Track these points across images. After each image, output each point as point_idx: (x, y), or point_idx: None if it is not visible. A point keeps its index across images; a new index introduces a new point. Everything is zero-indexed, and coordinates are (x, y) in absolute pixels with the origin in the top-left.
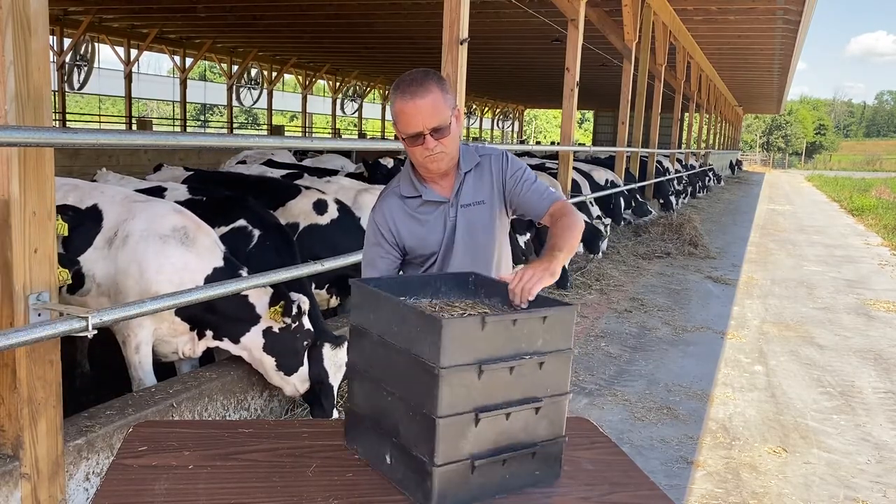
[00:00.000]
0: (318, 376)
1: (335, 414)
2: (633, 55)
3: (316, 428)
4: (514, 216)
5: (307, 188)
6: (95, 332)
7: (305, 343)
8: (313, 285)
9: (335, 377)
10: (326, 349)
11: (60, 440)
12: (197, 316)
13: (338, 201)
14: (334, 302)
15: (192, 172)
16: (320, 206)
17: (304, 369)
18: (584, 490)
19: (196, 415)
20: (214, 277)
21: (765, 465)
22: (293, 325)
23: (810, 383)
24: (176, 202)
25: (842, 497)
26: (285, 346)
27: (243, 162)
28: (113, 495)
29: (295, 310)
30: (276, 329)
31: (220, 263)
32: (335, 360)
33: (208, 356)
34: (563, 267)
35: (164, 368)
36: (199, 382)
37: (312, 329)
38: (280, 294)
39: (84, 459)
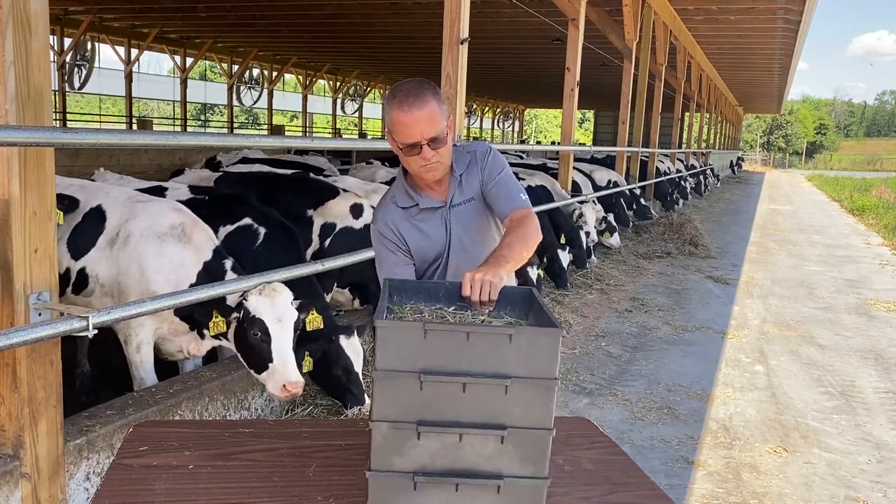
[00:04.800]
0: (346, 366)
1: (366, 399)
2: (633, 55)
3: (316, 428)
4: None
5: (345, 191)
6: (96, 331)
7: (255, 333)
8: (335, 284)
9: (358, 364)
10: (342, 340)
11: (61, 440)
12: (192, 315)
13: (374, 207)
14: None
15: (221, 173)
16: (357, 210)
17: (275, 370)
18: (585, 490)
19: (196, 414)
20: (205, 270)
21: (765, 464)
22: (241, 316)
23: (811, 383)
24: (178, 201)
25: (842, 497)
26: (242, 341)
27: (242, 161)
28: (113, 495)
29: (235, 302)
30: (234, 324)
31: (209, 256)
32: (353, 348)
33: (212, 355)
34: (563, 267)
35: (166, 368)
36: (200, 382)
37: (263, 318)
38: (208, 310)
39: (84, 459)
